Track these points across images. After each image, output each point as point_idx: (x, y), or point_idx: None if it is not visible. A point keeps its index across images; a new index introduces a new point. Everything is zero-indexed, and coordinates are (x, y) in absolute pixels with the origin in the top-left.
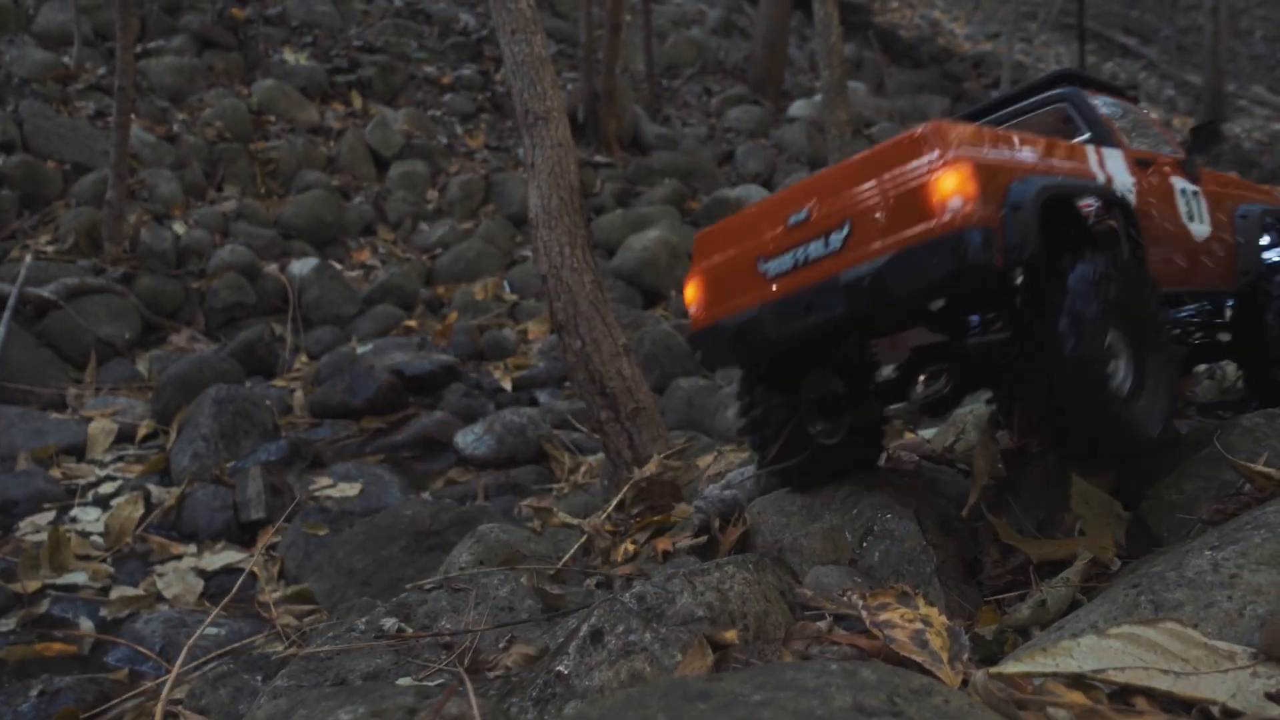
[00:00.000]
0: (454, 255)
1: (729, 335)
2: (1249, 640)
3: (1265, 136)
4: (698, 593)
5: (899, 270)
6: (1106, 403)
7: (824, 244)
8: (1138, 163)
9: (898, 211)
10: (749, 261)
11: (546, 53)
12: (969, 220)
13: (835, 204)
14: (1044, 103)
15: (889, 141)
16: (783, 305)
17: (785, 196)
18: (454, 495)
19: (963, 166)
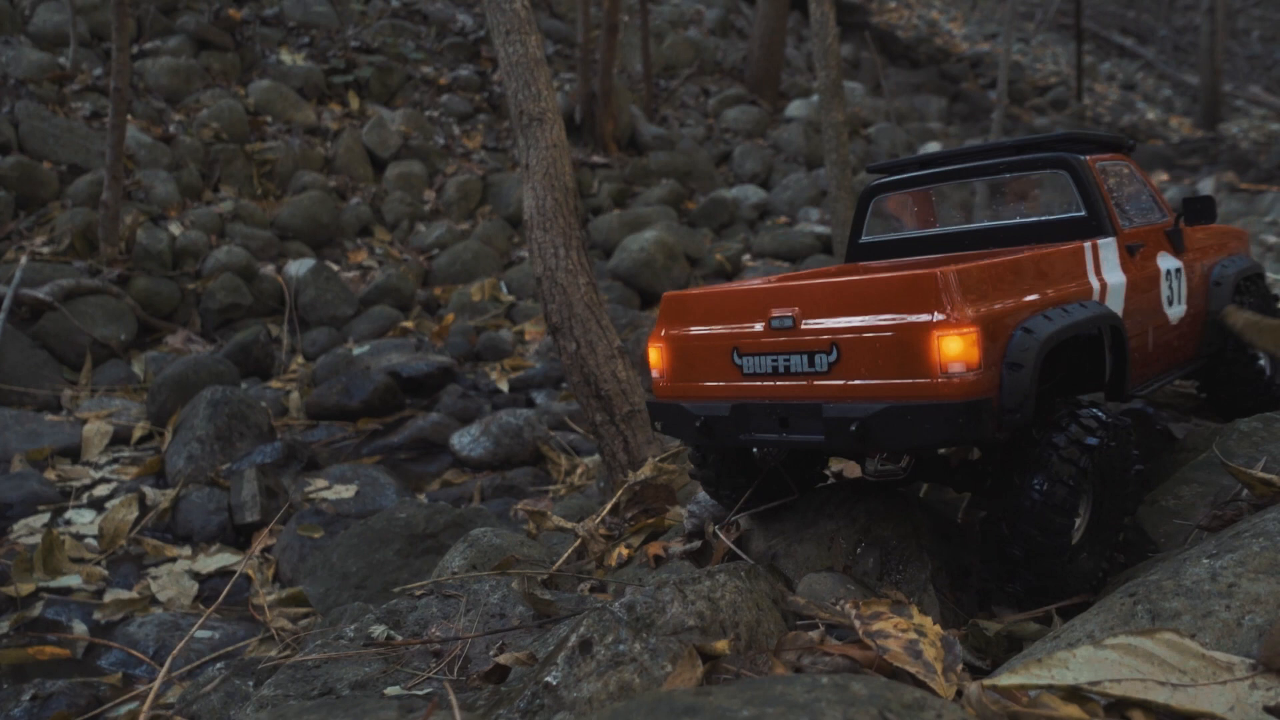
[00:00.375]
0: (451, 256)
1: (696, 424)
2: (1248, 651)
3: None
4: (688, 602)
5: (889, 425)
6: (1058, 559)
7: (808, 361)
8: (1128, 250)
9: (893, 356)
10: (725, 348)
11: (541, 54)
12: (971, 389)
13: (823, 322)
14: (1043, 164)
15: (892, 277)
16: (758, 410)
17: (769, 291)
18: (450, 497)
19: (968, 330)
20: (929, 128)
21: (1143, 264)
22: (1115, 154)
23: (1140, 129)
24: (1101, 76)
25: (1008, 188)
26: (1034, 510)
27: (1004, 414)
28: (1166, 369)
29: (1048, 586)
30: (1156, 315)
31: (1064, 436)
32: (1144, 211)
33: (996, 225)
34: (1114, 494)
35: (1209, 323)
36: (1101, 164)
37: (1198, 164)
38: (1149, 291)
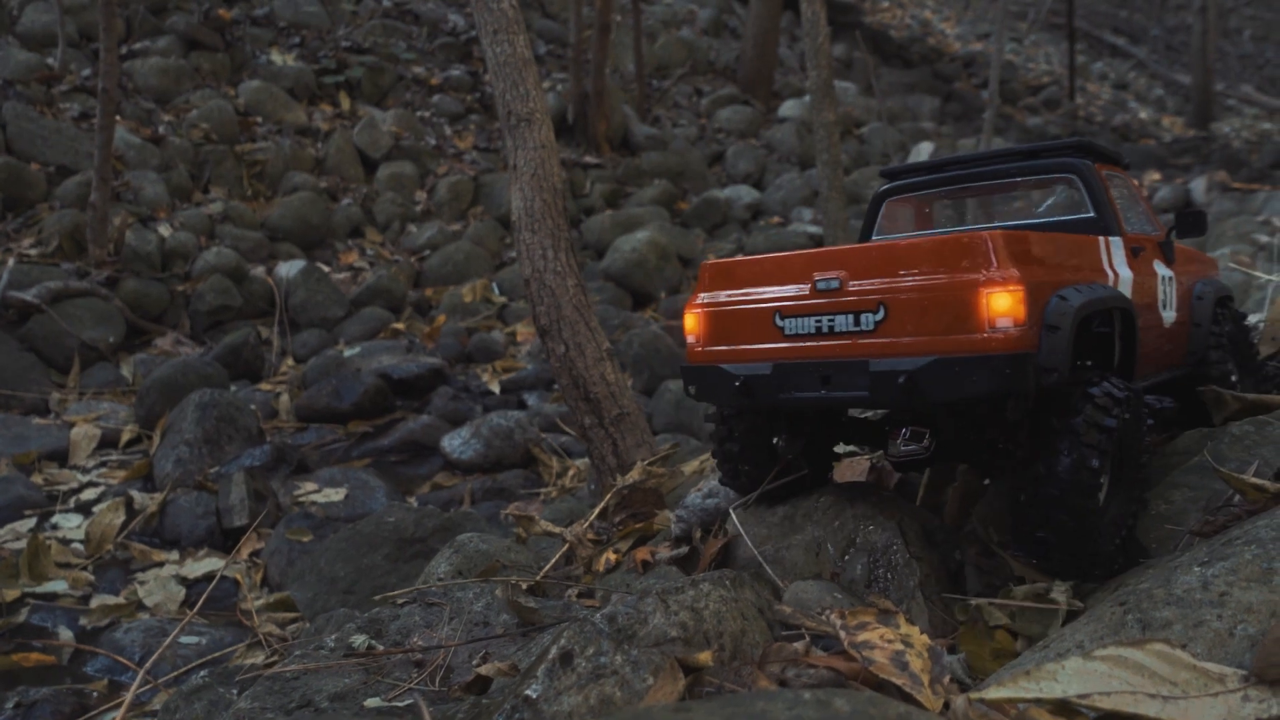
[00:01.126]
0: (442, 257)
1: (735, 384)
2: (1240, 662)
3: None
4: (671, 612)
5: (936, 377)
6: (1088, 526)
7: (853, 320)
8: (1133, 251)
9: (941, 313)
10: (766, 312)
11: (529, 53)
12: (1016, 343)
13: (870, 282)
14: (1052, 169)
15: (941, 238)
16: (799, 370)
17: (814, 257)
18: (440, 500)
19: (1015, 287)
20: (922, 127)
21: (1144, 266)
22: (1115, 166)
23: (1133, 128)
24: (1094, 76)
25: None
26: (1065, 475)
27: (1043, 372)
28: (1158, 369)
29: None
30: (1154, 315)
31: (1090, 405)
32: (1140, 222)
33: (1009, 226)
34: (1126, 463)
35: (1193, 333)
36: (1107, 172)
37: (1190, 163)
38: (1150, 291)
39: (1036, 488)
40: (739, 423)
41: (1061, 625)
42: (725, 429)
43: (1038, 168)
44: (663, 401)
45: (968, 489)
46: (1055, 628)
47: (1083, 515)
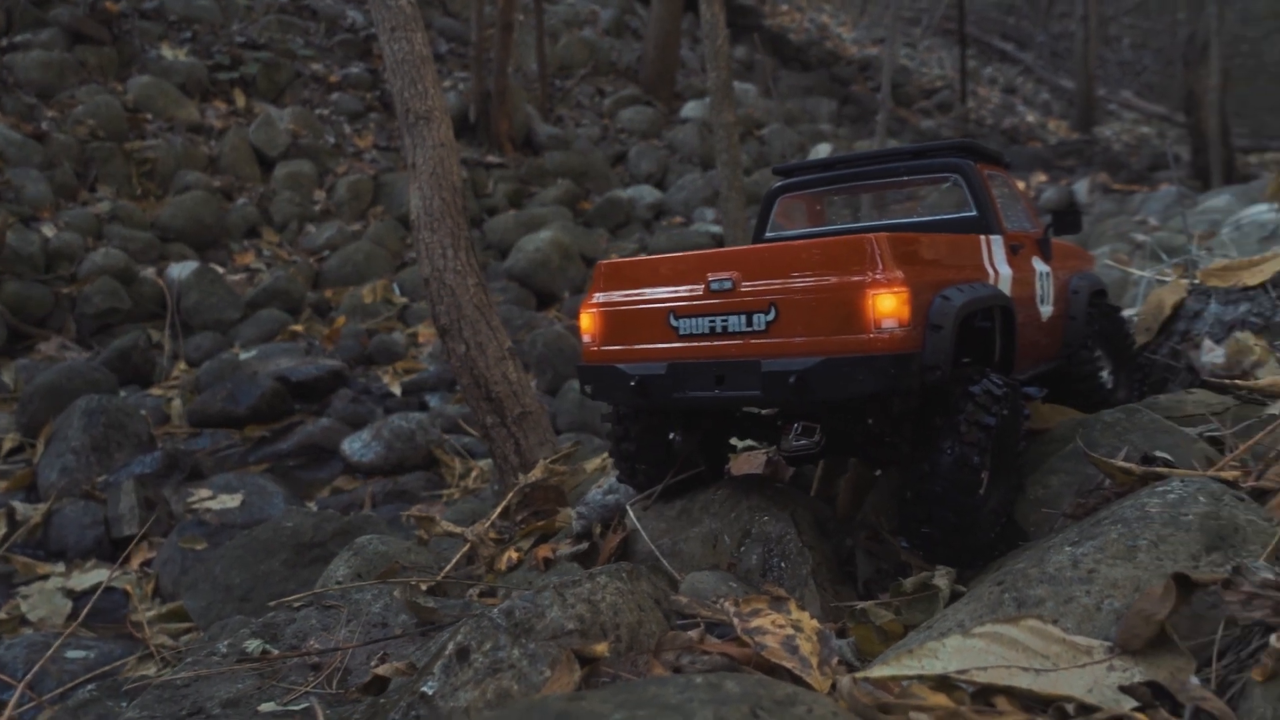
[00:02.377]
0: (342, 257)
1: (630, 383)
2: (1106, 634)
3: (1133, 139)
4: (568, 605)
5: (826, 377)
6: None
7: (746, 321)
8: (1012, 249)
9: (829, 313)
10: (661, 312)
11: (428, 51)
12: (901, 344)
13: (762, 283)
14: (937, 169)
15: (829, 240)
16: (694, 369)
17: (707, 257)
18: (340, 504)
19: (900, 289)
20: (820, 129)
21: (1023, 263)
22: (996, 166)
23: (1021, 131)
24: (984, 80)
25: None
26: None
27: (927, 370)
28: (1036, 362)
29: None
30: (1032, 310)
31: (972, 403)
32: (1020, 220)
33: (895, 224)
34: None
35: (1068, 326)
36: (988, 171)
37: (1074, 165)
38: (1028, 287)
39: (921, 484)
40: (634, 423)
41: (944, 608)
42: (621, 429)
43: (923, 167)
44: (566, 401)
45: (859, 480)
46: (939, 611)
47: (965, 510)
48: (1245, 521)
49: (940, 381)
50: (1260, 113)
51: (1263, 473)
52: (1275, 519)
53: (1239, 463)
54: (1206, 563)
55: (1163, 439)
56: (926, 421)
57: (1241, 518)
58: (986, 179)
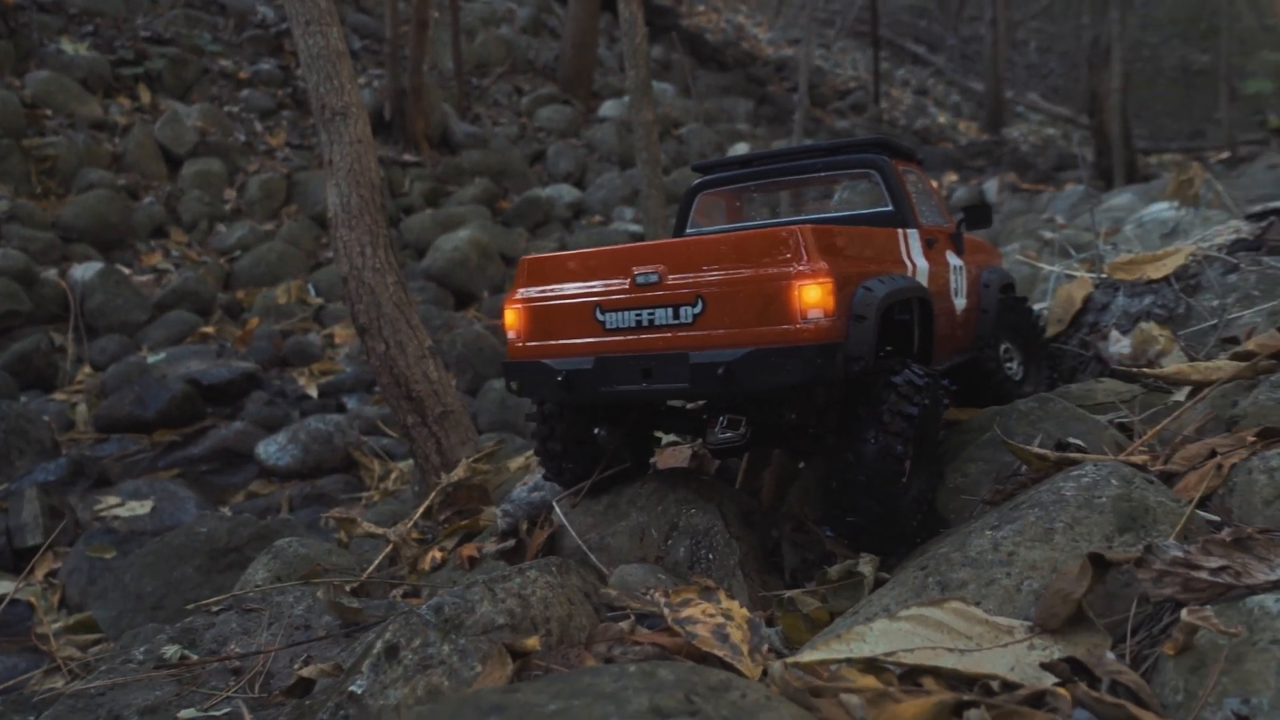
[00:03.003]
0: (254, 257)
1: (557, 379)
2: (1026, 614)
3: (1040, 140)
4: (498, 600)
5: (753, 367)
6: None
7: (673, 314)
8: (928, 242)
9: (755, 305)
10: (587, 305)
11: (344, 46)
12: (826, 334)
13: (688, 276)
14: (854, 165)
15: (754, 232)
16: (621, 363)
17: (633, 251)
18: (256, 509)
19: (825, 280)
20: (737, 129)
21: (938, 256)
22: (910, 162)
23: (932, 131)
24: (897, 82)
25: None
26: (873, 452)
27: (851, 360)
28: (951, 354)
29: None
30: (948, 302)
31: (894, 393)
32: (933, 215)
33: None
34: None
35: (980, 318)
36: (903, 167)
37: (983, 165)
38: (944, 280)
39: (845, 474)
40: (560, 420)
41: (869, 594)
42: (546, 427)
43: (840, 163)
44: (487, 401)
45: (784, 472)
46: (864, 597)
47: (888, 498)
48: (1155, 503)
49: (864, 372)
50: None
51: (1170, 456)
52: (1183, 500)
53: (1147, 447)
54: (1119, 543)
55: (1075, 426)
56: (850, 412)
57: (1151, 499)
58: (902, 175)
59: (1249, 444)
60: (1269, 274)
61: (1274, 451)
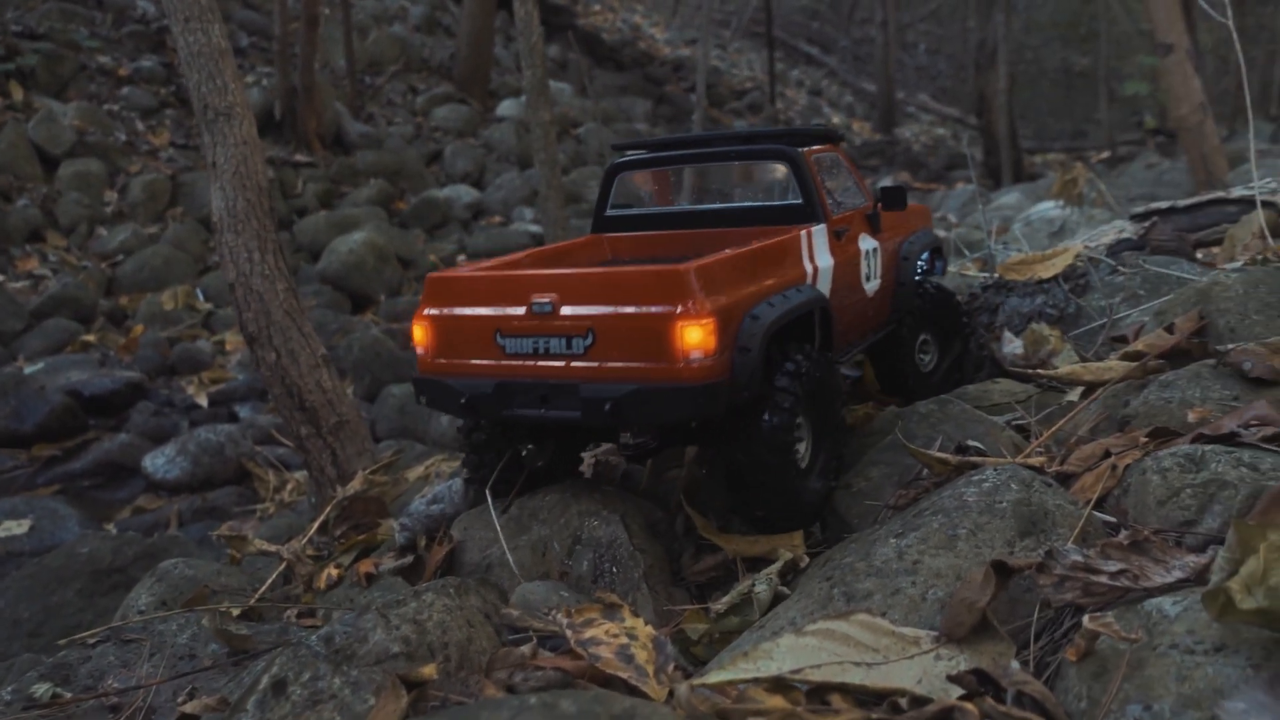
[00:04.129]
0: (138, 262)
1: (462, 399)
2: (932, 623)
3: (930, 140)
4: (393, 627)
5: (639, 404)
6: (788, 482)
7: (566, 344)
8: (836, 235)
9: (642, 342)
10: (488, 328)
11: (226, 43)
12: (709, 373)
13: (580, 308)
14: (767, 155)
15: (642, 270)
16: (520, 389)
17: (533, 279)
18: (143, 525)
19: (707, 320)
20: (635, 129)
21: (847, 246)
22: (828, 145)
23: None
24: (792, 82)
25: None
26: (763, 438)
27: (736, 391)
28: (864, 335)
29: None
30: (857, 292)
31: (784, 377)
32: (849, 197)
33: (727, 207)
34: (825, 423)
35: (897, 292)
36: (817, 156)
37: (878, 164)
38: (852, 271)
39: (744, 457)
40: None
41: (773, 607)
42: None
43: (755, 153)
44: (386, 407)
45: (690, 478)
46: (769, 611)
47: (786, 477)
48: (1054, 506)
49: (750, 397)
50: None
51: (1066, 457)
52: (1080, 501)
53: (1044, 448)
54: (1021, 548)
55: (974, 428)
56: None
57: (1050, 502)
58: (813, 166)
59: (1141, 444)
60: (1153, 273)
61: (1165, 452)
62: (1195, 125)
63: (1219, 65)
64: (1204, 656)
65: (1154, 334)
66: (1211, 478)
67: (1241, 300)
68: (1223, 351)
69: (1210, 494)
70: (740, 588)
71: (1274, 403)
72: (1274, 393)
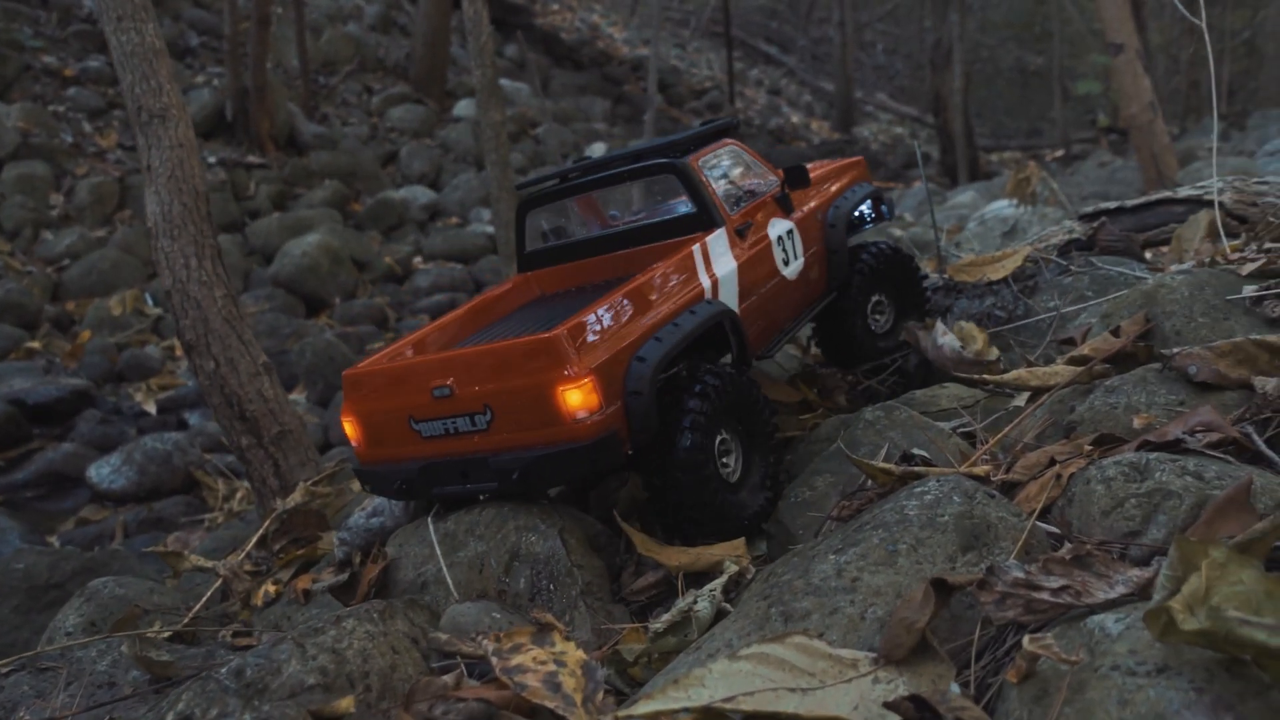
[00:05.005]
0: (85, 266)
1: (397, 482)
2: (871, 644)
3: (888, 139)
4: (309, 657)
5: (543, 468)
6: (714, 495)
7: (470, 421)
8: (738, 233)
9: (532, 409)
10: (402, 417)
11: (161, 43)
12: (599, 428)
13: (474, 387)
14: (655, 170)
15: (517, 343)
16: (442, 467)
17: (427, 365)
18: (88, 537)
19: (585, 380)
20: (594, 128)
21: (753, 242)
22: (721, 140)
23: (786, 131)
24: (751, 82)
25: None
26: (679, 459)
27: (634, 435)
28: (795, 318)
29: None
30: (774, 280)
31: (693, 397)
32: (753, 186)
33: (631, 226)
34: (754, 434)
35: (830, 260)
36: (706, 159)
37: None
38: (763, 264)
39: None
40: None
41: (715, 624)
42: None
43: (643, 170)
44: (339, 412)
45: (635, 492)
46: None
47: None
48: (997, 519)
49: (650, 438)
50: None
51: (1011, 465)
52: (1024, 512)
53: (989, 456)
54: (963, 563)
55: (920, 435)
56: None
57: (993, 515)
58: (701, 171)
59: (1086, 452)
60: (1101, 274)
61: (1110, 461)
62: (1146, 124)
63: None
64: (1146, 679)
65: (1100, 337)
66: (1156, 487)
67: (1187, 303)
68: (1168, 356)
69: (1155, 504)
70: (681, 605)
71: (1219, 408)
72: (1219, 397)
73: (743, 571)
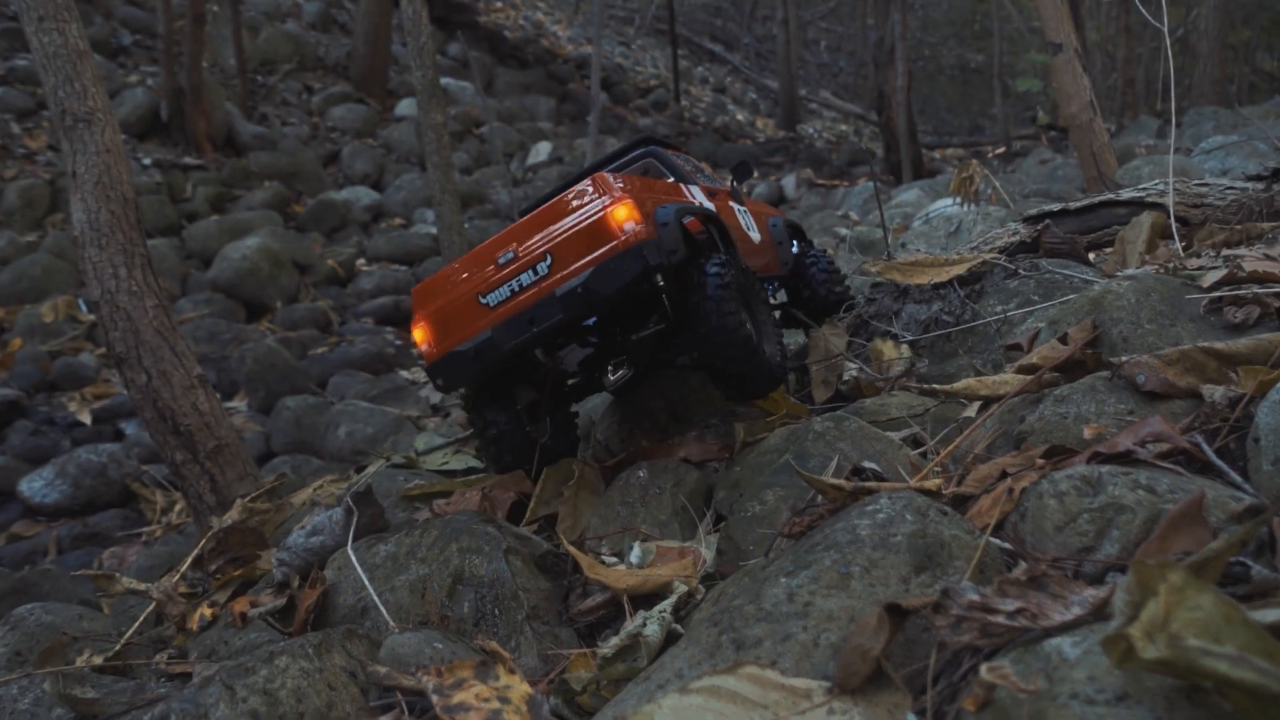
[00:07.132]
0: (15, 272)
1: (467, 357)
2: (825, 672)
3: (833, 136)
4: (238, 700)
5: (600, 278)
6: (748, 347)
7: (533, 273)
8: (709, 193)
9: (587, 239)
10: (470, 298)
11: (85, 44)
12: (641, 235)
13: (535, 242)
14: (636, 158)
15: (568, 192)
16: (510, 323)
17: (491, 244)
18: (19, 554)
19: (627, 200)
20: (539, 127)
21: (721, 201)
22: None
23: (732, 129)
24: (696, 80)
25: None
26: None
27: (667, 253)
28: (764, 268)
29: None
30: (742, 232)
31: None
32: (709, 180)
33: None
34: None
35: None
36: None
37: (781, 161)
38: (732, 216)
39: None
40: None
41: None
42: (480, 420)
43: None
44: (281, 420)
45: (578, 503)
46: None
47: (746, 349)
48: (950, 537)
49: (680, 260)
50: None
51: (963, 477)
52: (977, 529)
53: (941, 468)
54: (917, 584)
55: (870, 446)
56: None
57: (946, 533)
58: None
59: (1038, 465)
60: (1047, 278)
61: (1062, 474)
62: (1085, 123)
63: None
64: (1105, 707)
65: (1048, 345)
66: (1109, 501)
67: (1134, 309)
68: (1116, 364)
69: (1108, 519)
70: (629, 628)
71: (1168, 417)
72: (1168, 406)
73: (691, 592)
